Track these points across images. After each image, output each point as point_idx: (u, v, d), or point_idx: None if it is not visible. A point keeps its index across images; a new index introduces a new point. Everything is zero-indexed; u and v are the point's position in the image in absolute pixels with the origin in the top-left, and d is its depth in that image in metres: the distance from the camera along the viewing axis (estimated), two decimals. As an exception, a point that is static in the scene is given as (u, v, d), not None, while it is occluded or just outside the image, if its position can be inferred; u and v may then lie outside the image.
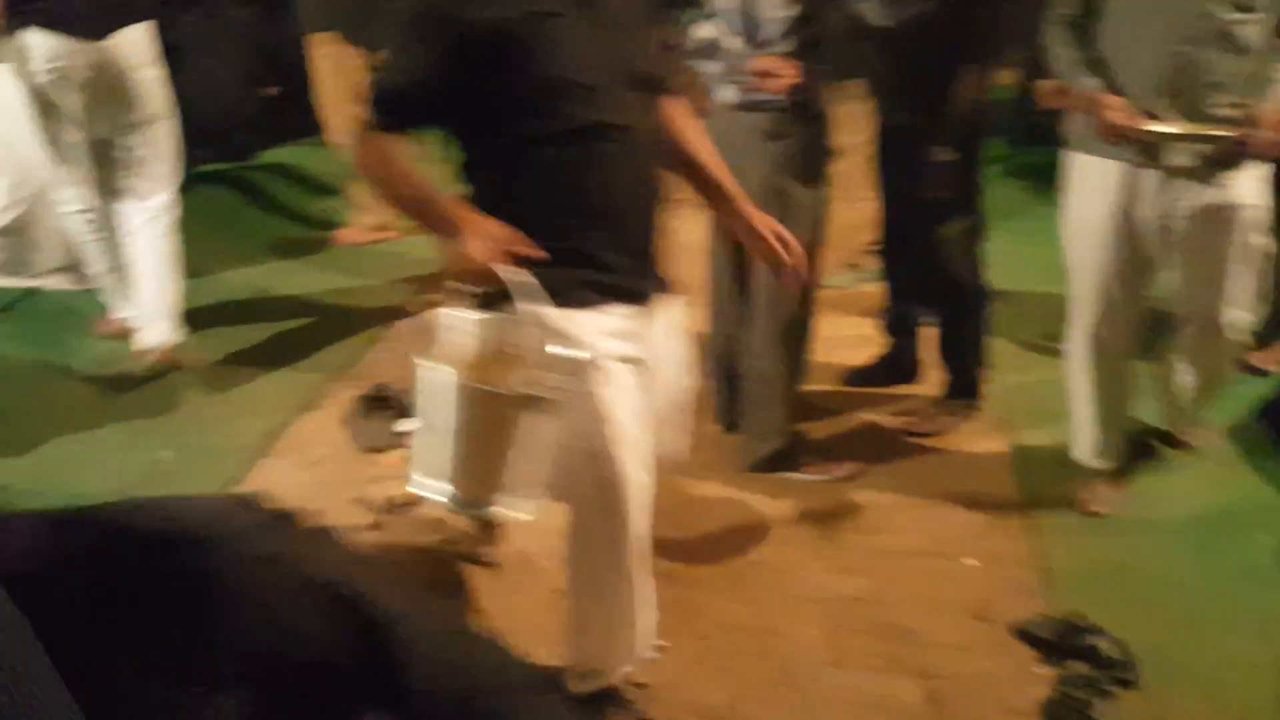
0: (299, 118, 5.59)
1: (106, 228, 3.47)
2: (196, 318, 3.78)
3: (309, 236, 4.63)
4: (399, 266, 4.34)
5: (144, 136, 3.42)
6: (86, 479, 2.88)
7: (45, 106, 3.24)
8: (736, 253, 2.73)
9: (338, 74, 4.12)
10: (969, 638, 2.32)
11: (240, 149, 4.50)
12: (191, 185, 4.18)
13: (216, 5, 5.04)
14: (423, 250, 4.49)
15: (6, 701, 0.58)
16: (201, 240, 4.12)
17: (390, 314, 3.94)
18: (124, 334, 3.59)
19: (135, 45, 3.30)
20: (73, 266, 3.87)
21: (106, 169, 3.42)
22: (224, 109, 4.21)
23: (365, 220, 4.53)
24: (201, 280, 4.06)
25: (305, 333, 3.81)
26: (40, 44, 3.12)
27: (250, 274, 4.26)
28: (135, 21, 3.30)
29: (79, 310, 3.79)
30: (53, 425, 3.10)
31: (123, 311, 3.56)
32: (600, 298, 1.78)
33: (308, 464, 3.00)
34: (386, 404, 3.22)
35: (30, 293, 3.87)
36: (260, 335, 3.78)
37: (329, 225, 4.70)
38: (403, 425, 3.22)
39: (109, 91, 3.27)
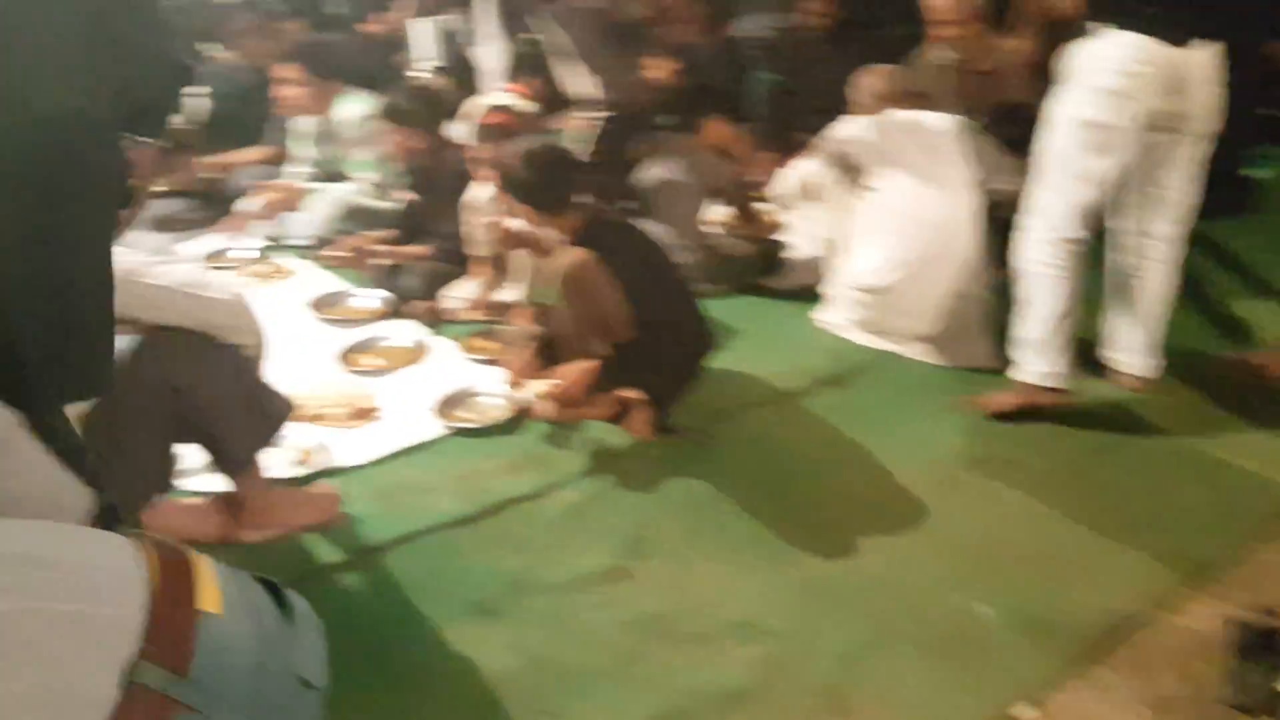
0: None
1: (1074, 268, 3.21)
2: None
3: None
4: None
5: (1189, 153, 3.19)
6: (902, 621, 2.56)
7: (1107, 120, 3.08)
8: None
9: None
10: None
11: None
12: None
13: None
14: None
15: None
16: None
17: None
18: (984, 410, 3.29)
19: (1208, 58, 3.07)
20: (939, 339, 3.65)
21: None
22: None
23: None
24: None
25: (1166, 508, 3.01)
26: (1123, 45, 3.01)
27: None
28: (1210, 37, 3.06)
29: (932, 385, 3.52)
30: (874, 522, 2.86)
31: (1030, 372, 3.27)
32: None
33: (1138, 697, 2.30)
34: (1273, 646, 2.40)
35: (884, 357, 3.71)
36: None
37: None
38: (1287, 688, 2.37)
39: (1176, 100, 3.10)
